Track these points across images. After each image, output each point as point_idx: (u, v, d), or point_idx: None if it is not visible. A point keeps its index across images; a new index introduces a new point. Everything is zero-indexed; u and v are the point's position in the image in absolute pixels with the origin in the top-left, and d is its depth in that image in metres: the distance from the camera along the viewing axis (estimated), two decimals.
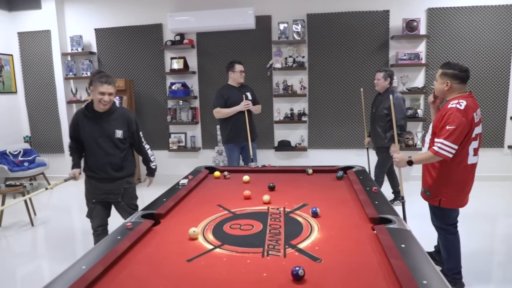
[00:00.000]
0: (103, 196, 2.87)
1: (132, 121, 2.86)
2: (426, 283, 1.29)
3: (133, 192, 3.00)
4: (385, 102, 4.02)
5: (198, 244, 1.80)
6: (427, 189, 2.68)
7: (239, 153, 4.42)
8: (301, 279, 1.41)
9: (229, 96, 4.22)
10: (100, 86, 2.64)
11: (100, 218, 2.92)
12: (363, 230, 1.89)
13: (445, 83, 2.56)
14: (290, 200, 2.39)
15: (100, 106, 2.71)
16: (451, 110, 2.44)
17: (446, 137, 2.39)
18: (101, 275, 1.50)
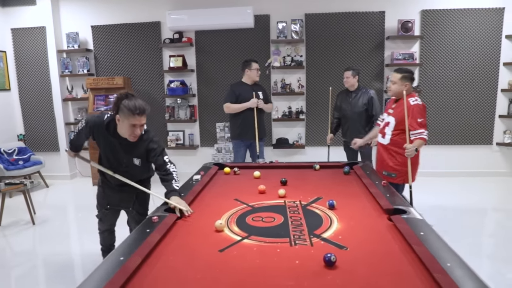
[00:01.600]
0: (117, 202, 2.73)
1: (151, 151, 2.48)
2: (450, 266, 1.40)
3: (146, 200, 2.76)
4: (362, 98, 4.21)
5: (225, 236, 1.88)
6: (392, 172, 3.17)
7: (246, 150, 4.48)
8: (333, 265, 1.51)
9: (240, 93, 4.29)
10: (131, 117, 2.24)
11: (109, 223, 2.87)
12: (380, 220, 2.01)
13: (404, 84, 3.10)
14: (304, 194, 2.49)
15: (130, 138, 2.36)
16: (417, 107, 3.01)
17: (425, 127, 3.00)
18: (140, 265, 1.57)
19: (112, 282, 1.37)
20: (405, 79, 3.12)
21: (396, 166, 3.18)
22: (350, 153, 4.45)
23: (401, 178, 3.18)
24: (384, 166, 3.24)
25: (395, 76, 3.16)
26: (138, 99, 2.31)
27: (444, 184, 5.27)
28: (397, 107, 3.17)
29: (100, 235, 2.95)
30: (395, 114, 3.15)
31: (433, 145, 5.57)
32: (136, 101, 2.27)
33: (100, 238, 2.97)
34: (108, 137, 2.44)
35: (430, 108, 5.54)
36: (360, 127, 4.26)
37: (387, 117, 3.27)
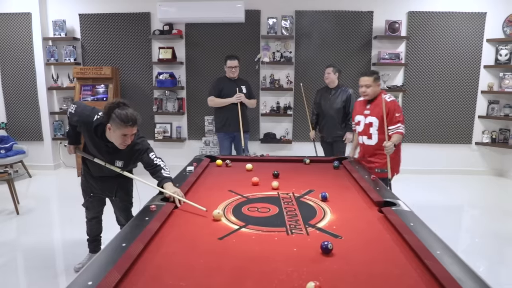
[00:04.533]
0: (99, 191, 2.80)
1: (134, 153, 2.49)
2: (439, 253, 1.50)
3: (130, 188, 2.82)
4: (341, 96, 4.35)
5: (223, 225, 1.93)
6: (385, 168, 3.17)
7: (230, 142, 4.62)
8: (329, 252, 1.58)
9: (223, 87, 4.44)
10: (123, 128, 2.25)
11: (96, 211, 2.92)
12: (371, 212, 2.10)
13: (377, 84, 3.27)
14: (297, 186, 2.56)
15: (120, 147, 2.37)
16: (392, 103, 3.17)
17: (402, 121, 3.12)
18: (142, 251, 1.61)
19: (118, 266, 1.41)
20: (377, 80, 3.26)
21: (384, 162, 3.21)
22: (326, 148, 4.63)
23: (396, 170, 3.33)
24: (375, 165, 3.25)
25: (367, 80, 3.23)
26: (130, 108, 2.32)
27: (424, 181, 5.44)
28: (374, 106, 3.25)
29: (87, 223, 2.96)
30: (375, 114, 3.22)
31: (414, 143, 5.76)
32: (128, 111, 2.27)
33: (87, 228, 2.98)
34: (95, 138, 2.47)
35: (413, 107, 5.72)
36: (337, 123, 4.42)
37: (364, 118, 3.30)
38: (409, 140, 5.79)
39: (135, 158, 2.51)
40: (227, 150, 4.60)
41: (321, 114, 4.55)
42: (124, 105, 2.31)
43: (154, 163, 2.45)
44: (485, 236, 3.65)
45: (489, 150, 5.82)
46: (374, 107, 3.24)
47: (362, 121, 3.32)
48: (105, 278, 1.33)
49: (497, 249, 3.38)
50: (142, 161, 2.50)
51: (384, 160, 3.18)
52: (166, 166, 2.48)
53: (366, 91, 3.24)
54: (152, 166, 2.44)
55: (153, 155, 2.48)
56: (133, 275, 1.43)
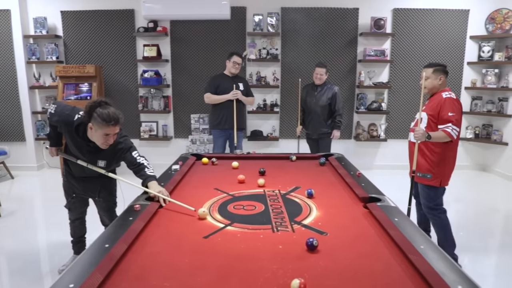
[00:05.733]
0: (82, 192, 2.75)
1: (118, 151, 2.44)
2: (423, 248, 1.51)
3: (113, 187, 2.79)
4: (327, 93, 4.42)
5: (208, 223, 1.92)
6: (427, 172, 2.91)
7: (225, 140, 4.61)
8: (315, 249, 1.58)
9: (219, 84, 4.45)
10: (105, 127, 2.21)
11: (79, 212, 2.86)
12: (356, 208, 2.11)
13: (438, 77, 2.93)
14: (283, 183, 2.56)
15: (102, 147, 2.33)
16: (448, 100, 2.81)
17: (454, 122, 2.74)
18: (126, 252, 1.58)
19: (100, 267, 1.38)
20: (438, 72, 2.93)
21: (431, 166, 2.90)
22: (312, 145, 4.66)
23: (437, 180, 2.89)
24: (418, 167, 2.94)
25: (426, 71, 2.96)
26: (112, 107, 2.27)
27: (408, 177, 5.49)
28: (430, 101, 2.98)
29: (70, 225, 2.91)
30: (427, 109, 2.94)
31: (400, 139, 5.81)
32: (110, 110, 2.23)
33: (70, 229, 2.93)
34: (76, 138, 2.41)
35: (398, 103, 5.77)
36: (322, 120, 4.46)
37: (419, 115, 3.03)
38: (394, 136, 5.85)
39: (118, 157, 2.47)
40: (221, 148, 4.58)
41: (306, 111, 4.58)
42: (106, 103, 2.26)
43: (138, 161, 2.41)
44: (469, 229, 3.70)
45: (473, 145, 5.91)
46: (430, 102, 2.98)
47: (417, 117, 3.05)
48: (87, 280, 1.31)
49: (481, 243, 3.44)
50: (125, 160, 2.45)
51: (427, 163, 2.89)
52: (150, 164, 2.45)
53: (424, 83, 2.97)
54: (135, 165, 2.40)
55: (136, 154, 2.44)
56: (116, 276, 1.41)
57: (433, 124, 2.86)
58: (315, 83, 4.47)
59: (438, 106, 2.83)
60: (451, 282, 1.27)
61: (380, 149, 5.95)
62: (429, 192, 2.96)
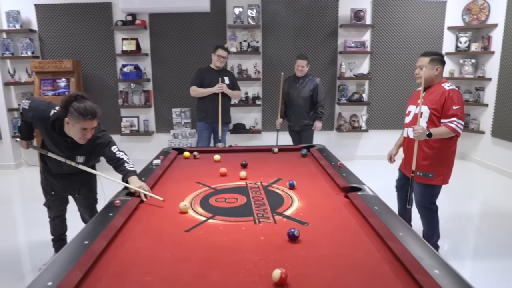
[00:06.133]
0: (61, 190, 2.69)
1: (97, 146, 2.40)
2: (402, 235, 1.54)
3: (93, 184, 2.74)
4: (309, 85, 4.44)
5: (190, 217, 1.91)
6: (428, 171, 2.74)
7: (210, 133, 4.63)
8: (296, 239, 1.60)
9: (205, 77, 4.47)
10: (82, 121, 2.16)
11: (59, 210, 2.80)
12: (337, 198, 2.13)
13: (435, 68, 2.74)
14: (264, 175, 2.56)
15: (80, 142, 2.28)
16: (452, 92, 2.64)
17: (459, 116, 2.60)
18: (106, 248, 1.56)
19: (80, 264, 1.36)
20: (435, 62, 2.74)
21: (433, 164, 2.75)
22: (294, 136, 4.69)
23: (439, 178, 2.76)
24: (417, 167, 2.74)
25: (422, 60, 2.78)
26: (89, 101, 2.22)
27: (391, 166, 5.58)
28: (429, 94, 2.75)
29: (50, 223, 2.86)
30: (428, 102, 2.72)
31: (381, 130, 5.90)
32: (87, 104, 2.17)
33: (50, 228, 2.88)
34: (53, 134, 2.35)
35: (379, 94, 5.84)
36: (305, 112, 4.49)
37: (415, 109, 2.81)
38: (375, 127, 5.93)
39: (96, 152, 2.43)
40: (205, 141, 4.59)
41: (288, 103, 4.59)
42: (82, 97, 2.21)
43: (117, 156, 2.37)
44: (448, 217, 3.79)
45: None
46: (429, 94, 2.75)
47: (413, 111, 2.84)
48: (66, 277, 1.28)
49: (460, 229, 3.53)
50: (104, 155, 2.41)
51: (430, 160, 2.74)
52: (130, 159, 2.42)
53: (419, 73, 2.76)
54: (115, 160, 2.37)
55: (115, 149, 2.41)
56: (96, 272, 1.39)
57: (435, 118, 2.68)
58: (297, 75, 4.48)
59: (442, 99, 2.64)
60: (428, 266, 1.30)
61: (362, 140, 6.02)
62: (427, 191, 2.81)
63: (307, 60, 4.44)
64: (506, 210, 3.97)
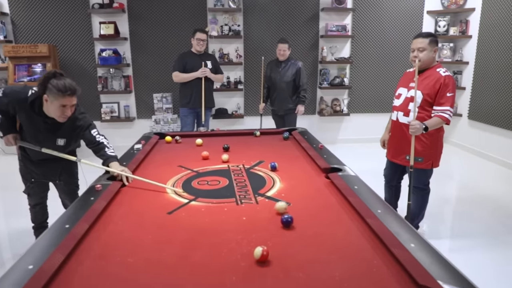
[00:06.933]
0: (41, 176, 2.62)
1: (77, 128, 2.36)
2: (380, 212, 1.58)
3: (74, 170, 2.68)
4: (291, 69, 4.44)
5: (172, 200, 1.91)
6: (418, 156, 2.73)
7: (194, 118, 4.60)
8: (290, 225, 1.57)
9: (187, 61, 4.40)
10: (61, 98, 2.11)
11: (39, 197, 2.75)
12: (318, 178, 2.17)
13: (433, 49, 2.66)
14: (247, 158, 2.57)
15: (59, 120, 2.23)
16: (448, 78, 2.60)
17: (451, 104, 2.59)
18: (87, 231, 1.56)
19: (61, 247, 1.36)
20: (434, 43, 2.65)
21: (424, 149, 2.74)
22: (278, 121, 4.69)
23: (429, 162, 2.78)
24: (407, 150, 2.72)
25: (421, 42, 2.63)
26: (68, 78, 2.18)
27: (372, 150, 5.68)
28: (424, 78, 2.68)
29: (31, 211, 2.81)
30: (422, 87, 2.65)
31: (362, 113, 5.97)
32: (66, 80, 2.14)
33: (31, 215, 2.83)
34: (32, 115, 2.29)
35: (360, 78, 5.89)
36: (288, 96, 4.50)
37: (407, 92, 2.76)
38: (357, 111, 5.99)
39: (76, 134, 2.38)
40: (189, 126, 4.56)
41: (271, 88, 4.59)
42: (61, 75, 2.17)
43: (97, 140, 2.35)
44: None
45: None
46: (423, 79, 2.67)
47: (404, 94, 2.78)
48: (47, 261, 1.28)
49: (438, 210, 3.62)
50: (84, 139, 2.38)
51: (419, 145, 2.72)
52: (110, 144, 2.40)
53: (418, 55, 2.64)
54: (95, 144, 2.34)
55: (95, 132, 2.38)
56: (78, 255, 1.39)
57: (427, 104, 2.66)
58: (279, 59, 4.47)
59: (437, 85, 2.60)
60: (405, 240, 1.35)
61: (343, 124, 6.09)
62: (419, 175, 2.81)
63: (288, 43, 4.42)
64: (483, 191, 4.10)
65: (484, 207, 3.68)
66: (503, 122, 4.85)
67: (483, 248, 2.90)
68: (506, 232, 3.18)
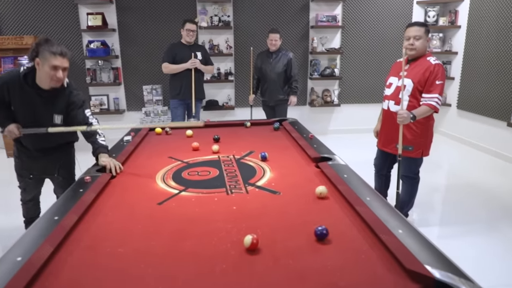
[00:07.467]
0: (40, 171, 2.56)
1: (72, 102, 2.34)
2: (369, 199, 1.60)
3: (72, 164, 2.65)
4: (282, 60, 4.41)
5: (162, 190, 1.91)
6: (408, 145, 2.77)
7: (184, 110, 4.57)
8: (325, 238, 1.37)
9: (177, 53, 4.36)
10: (53, 58, 2.11)
11: (35, 192, 2.69)
12: (308, 168, 2.18)
13: (427, 38, 2.70)
14: (237, 149, 2.57)
15: (52, 83, 2.19)
16: (438, 66, 2.63)
17: (440, 92, 2.61)
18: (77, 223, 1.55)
19: (50, 239, 1.35)
20: (427, 32, 2.68)
21: (414, 137, 2.77)
22: (269, 112, 4.69)
23: (419, 151, 2.81)
24: (398, 139, 2.71)
25: (417, 30, 2.64)
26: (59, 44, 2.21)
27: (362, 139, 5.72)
28: (414, 67, 2.71)
29: (23, 206, 2.77)
30: (412, 75, 2.67)
31: (353, 104, 6.00)
32: (57, 44, 2.18)
33: (23, 210, 2.79)
34: (26, 88, 2.24)
35: (350, 68, 5.90)
36: (279, 87, 4.49)
37: (398, 81, 2.75)
38: (347, 101, 6.01)
39: (71, 110, 2.34)
40: (180, 118, 4.53)
41: (262, 79, 4.57)
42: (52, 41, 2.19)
43: (90, 122, 2.35)
44: None
45: None
46: (413, 67, 2.71)
47: (395, 83, 2.79)
48: (36, 252, 1.27)
49: (427, 198, 3.66)
50: (76, 118, 2.33)
51: (410, 134, 2.75)
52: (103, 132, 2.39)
53: (414, 44, 2.66)
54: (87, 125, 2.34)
55: (88, 112, 2.38)
56: (67, 247, 1.38)
57: (418, 92, 2.68)
58: (270, 50, 4.44)
59: (427, 73, 2.63)
60: (393, 227, 1.36)
61: (334, 114, 6.11)
62: (409, 163, 2.85)
63: (279, 33, 4.40)
64: (472, 180, 4.16)
65: (473, 195, 3.73)
66: (491, 112, 4.91)
67: (471, 235, 2.95)
68: (493, 219, 3.23)
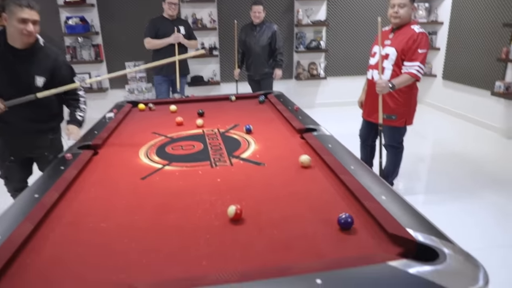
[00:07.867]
0: (24, 152, 2.36)
1: (60, 67, 2.24)
2: (353, 168, 1.60)
3: (60, 144, 2.49)
4: (267, 33, 4.33)
5: (146, 165, 1.88)
6: (391, 114, 2.78)
7: (168, 86, 4.49)
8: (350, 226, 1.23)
9: (159, 27, 4.22)
10: (20, 11, 1.98)
11: (19, 180, 2.44)
12: (293, 139, 2.17)
13: (412, 7, 2.68)
14: (221, 123, 2.54)
15: (23, 38, 2.06)
16: (421, 35, 2.60)
17: (422, 60, 2.59)
18: (58, 200, 1.52)
19: (30, 216, 1.32)
20: (413, 1, 2.65)
21: (397, 106, 2.77)
22: (254, 86, 4.64)
23: (402, 120, 2.82)
24: (383, 109, 2.73)
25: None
26: None
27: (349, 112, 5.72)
28: (398, 35, 2.69)
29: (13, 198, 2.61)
30: (396, 44, 2.66)
31: (339, 76, 5.97)
32: None
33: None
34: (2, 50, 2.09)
35: (336, 41, 5.83)
36: (264, 60, 4.43)
37: (382, 49, 2.71)
38: (333, 74, 5.98)
39: (57, 75, 2.22)
40: (164, 94, 4.45)
41: (247, 52, 4.49)
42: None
43: (77, 92, 2.39)
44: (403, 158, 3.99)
45: None
46: (397, 35, 2.69)
47: (378, 52, 2.74)
48: (16, 230, 1.25)
49: (412, 168, 3.71)
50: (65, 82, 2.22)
51: (393, 103, 2.75)
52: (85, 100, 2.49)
53: (398, 11, 2.63)
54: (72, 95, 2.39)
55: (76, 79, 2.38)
56: (49, 223, 1.36)
57: (402, 61, 2.67)
58: (254, 23, 4.35)
59: (410, 41, 2.60)
60: (376, 194, 1.37)
61: (320, 88, 6.08)
62: (392, 132, 2.89)
63: (263, 5, 4.29)
64: (456, 149, 4.22)
65: (459, 164, 3.79)
66: (476, 82, 4.94)
67: (455, 202, 3.02)
68: (477, 187, 3.30)
